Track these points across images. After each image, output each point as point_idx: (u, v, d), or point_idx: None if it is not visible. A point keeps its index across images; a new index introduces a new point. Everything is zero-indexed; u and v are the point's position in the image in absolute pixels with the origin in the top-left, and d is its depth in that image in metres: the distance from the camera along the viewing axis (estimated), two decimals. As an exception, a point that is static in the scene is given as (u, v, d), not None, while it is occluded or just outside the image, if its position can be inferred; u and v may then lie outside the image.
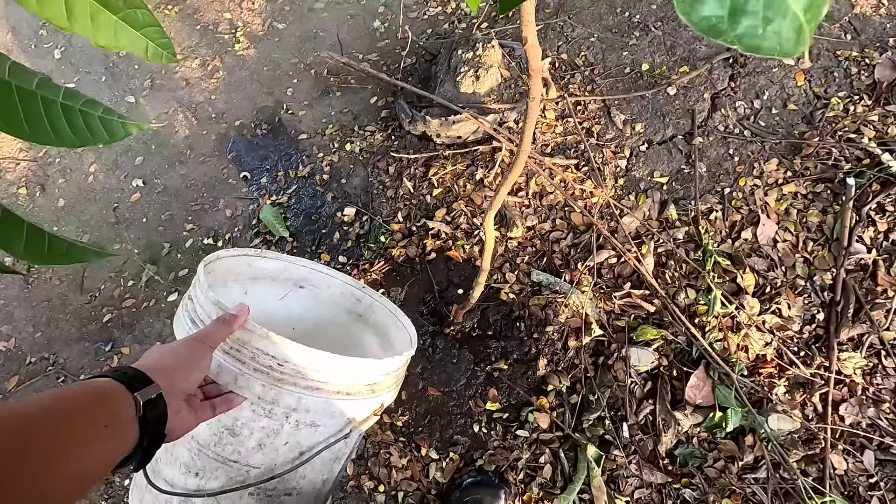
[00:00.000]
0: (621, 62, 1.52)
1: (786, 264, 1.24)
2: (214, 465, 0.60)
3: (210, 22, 1.95)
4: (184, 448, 0.61)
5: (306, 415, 0.59)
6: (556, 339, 1.21)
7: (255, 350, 0.56)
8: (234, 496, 0.60)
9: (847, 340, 1.17)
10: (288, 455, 0.61)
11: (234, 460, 0.59)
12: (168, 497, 0.62)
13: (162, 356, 0.49)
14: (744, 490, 1.09)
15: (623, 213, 1.30)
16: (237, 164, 1.69)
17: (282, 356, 0.56)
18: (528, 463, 1.13)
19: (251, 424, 0.59)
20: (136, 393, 0.43)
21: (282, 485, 0.62)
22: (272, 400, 0.56)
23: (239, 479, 0.60)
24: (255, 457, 0.60)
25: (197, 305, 0.62)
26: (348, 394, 0.60)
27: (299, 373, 0.57)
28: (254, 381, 0.56)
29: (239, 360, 0.55)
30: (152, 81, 1.88)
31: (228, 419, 0.59)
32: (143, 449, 0.44)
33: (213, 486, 0.60)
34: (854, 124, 1.35)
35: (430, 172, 1.43)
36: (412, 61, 1.70)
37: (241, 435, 0.59)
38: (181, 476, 0.61)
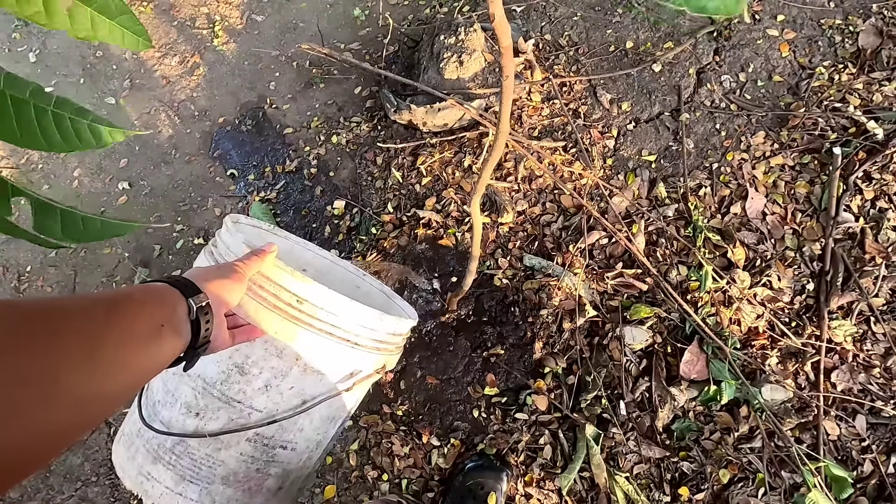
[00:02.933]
0: (605, 40, 1.51)
1: (775, 237, 1.25)
2: (217, 405, 0.60)
3: (187, 17, 1.91)
4: (188, 387, 0.62)
5: (315, 359, 0.61)
6: (551, 321, 1.22)
7: (278, 286, 0.57)
8: (232, 439, 0.61)
9: (837, 309, 1.19)
10: (291, 401, 0.62)
11: (238, 400, 0.60)
12: (161, 440, 0.62)
13: (208, 272, 0.51)
14: (740, 460, 1.11)
15: (612, 194, 1.30)
16: (223, 161, 1.67)
17: (302, 294, 0.58)
18: (529, 445, 1.15)
19: (261, 363, 0.60)
20: (189, 298, 0.45)
21: (279, 434, 0.63)
22: (288, 336, 0.58)
23: (239, 422, 0.60)
24: (259, 399, 0.61)
25: (223, 248, 0.64)
26: (357, 344, 0.62)
27: (316, 313, 0.58)
28: (273, 315, 0.57)
29: (260, 294, 0.57)
30: (131, 81, 1.85)
31: (240, 356, 0.60)
32: (194, 351, 0.46)
33: (212, 427, 0.60)
34: (839, 93, 1.35)
35: (418, 161, 1.42)
36: (395, 49, 1.68)
37: (249, 374, 0.60)
38: (180, 416, 0.61)
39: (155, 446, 0.62)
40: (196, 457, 0.61)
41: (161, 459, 0.61)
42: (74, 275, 1.60)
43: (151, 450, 0.62)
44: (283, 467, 0.65)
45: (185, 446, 0.61)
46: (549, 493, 1.11)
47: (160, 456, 0.62)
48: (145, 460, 0.62)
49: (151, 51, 1.88)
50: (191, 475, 0.61)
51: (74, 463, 1.30)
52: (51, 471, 1.30)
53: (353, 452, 1.19)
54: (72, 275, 1.60)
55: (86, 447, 1.31)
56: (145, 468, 0.62)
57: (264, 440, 0.62)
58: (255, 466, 0.62)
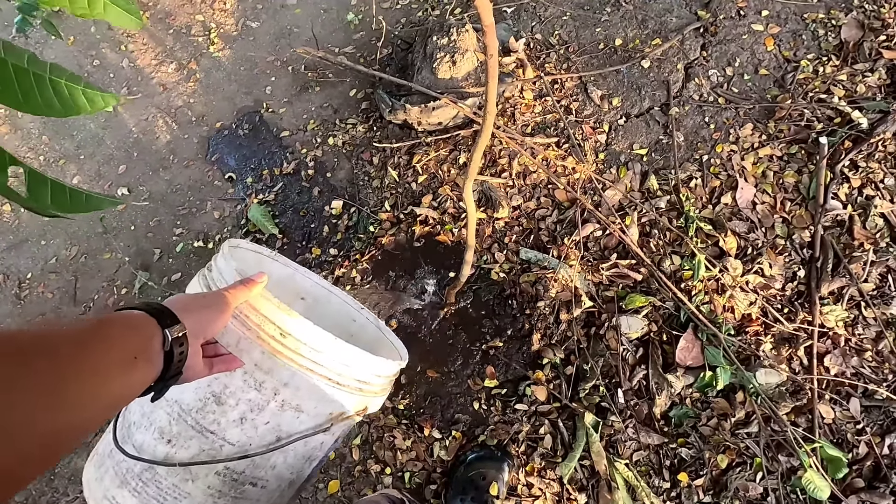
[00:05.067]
0: (595, 38, 1.54)
1: (765, 225, 1.27)
2: (190, 434, 0.59)
3: (182, 25, 1.94)
4: (163, 412, 0.61)
5: (294, 395, 0.59)
6: (548, 313, 1.24)
7: (263, 317, 0.57)
8: (201, 471, 0.59)
9: (828, 294, 1.21)
10: (265, 437, 0.60)
11: (211, 431, 0.59)
12: (131, 464, 0.60)
13: (188, 301, 0.50)
14: (737, 445, 1.12)
15: (605, 187, 1.33)
16: (221, 165, 1.69)
17: (286, 327, 0.57)
18: (529, 435, 1.16)
19: (239, 395, 0.59)
20: (165, 329, 0.44)
21: (250, 470, 0.61)
22: (267, 370, 0.57)
23: (210, 454, 0.59)
24: (232, 431, 0.59)
25: (216, 273, 0.63)
26: (338, 383, 0.61)
27: (298, 348, 0.58)
28: (255, 346, 0.56)
29: (245, 324, 0.56)
30: (129, 89, 1.87)
31: (218, 385, 0.59)
32: (164, 382, 0.45)
33: (182, 455, 0.59)
34: (824, 85, 1.38)
35: (414, 160, 1.45)
36: (388, 51, 1.70)
37: (225, 404, 0.59)
38: (152, 441, 0.60)
39: (124, 470, 0.61)
40: (162, 485, 0.59)
41: (128, 484, 0.60)
42: (75, 280, 1.61)
43: (120, 473, 0.61)
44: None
45: (154, 473, 0.59)
46: (550, 482, 1.13)
47: (127, 481, 0.60)
48: (112, 483, 0.61)
49: (148, 58, 1.91)
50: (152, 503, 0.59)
51: (79, 465, 1.31)
52: (55, 473, 1.30)
53: (355, 447, 1.20)
54: (72, 280, 1.62)
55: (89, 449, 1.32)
56: (111, 491, 0.61)
57: (234, 475, 0.60)
58: (221, 502, 0.61)
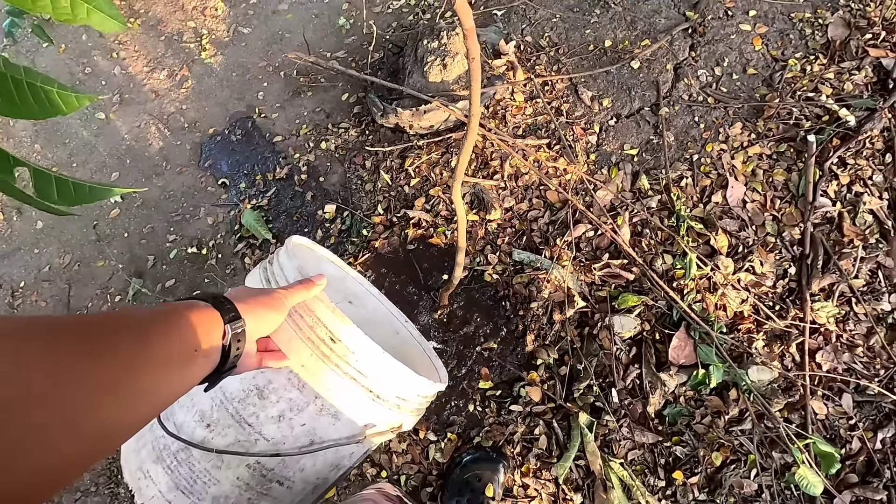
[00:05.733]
0: (584, 40, 1.55)
1: (756, 223, 1.28)
2: (229, 422, 0.60)
3: (174, 32, 1.94)
4: (207, 396, 0.62)
5: (334, 400, 0.60)
6: (542, 314, 1.24)
7: (316, 319, 0.57)
8: (233, 460, 0.60)
9: (819, 291, 1.22)
10: (299, 438, 0.61)
11: (249, 423, 0.60)
12: (168, 442, 0.61)
13: (249, 296, 0.50)
14: (731, 442, 1.13)
15: (597, 188, 1.33)
16: (214, 171, 1.69)
17: (338, 334, 0.58)
18: (524, 436, 1.17)
19: (281, 392, 0.60)
20: (227, 324, 0.44)
21: (280, 469, 0.61)
22: (313, 371, 0.58)
23: (245, 445, 0.60)
24: (269, 427, 0.60)
25: (276, 268, 0.64)
26: (378, 396, 0.61)
27: (346, 356, 0.58)
28: (304, 348, 0.57)
29: (297, 324, 0.57)
30: (121, 96, 1.87)
31: (263, 379, 0.60)
32: (219, 374, 0.45)
33: (218, 442, 0.60)
34: (812, 83, 1.40)
35: (406, 163, 1.45)
36: (380, 55, 1.71)
37: (267, 399, 0.60)
38: (192, 423, 0.61)
39: (161, 446, 0.62)
40: (195, 468, 0.60)
41: (163, 461, 0.61)
42: (69, 288, 1.61)
43: (157, 448, 0.62)
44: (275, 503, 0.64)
45: (188, 454, 0.60)
46: (545, 483, 1.13)
47: (163, 457, 0.61)
48: (149, 457, 0.62)
49: (140, 65, 1.91)
50: (185, 486, 0.60)
51: (73, 474, 1.30)
52: (49, 482, 1.30)
53: (351, 451, 1.20)
54: (66, 288, 1.61)
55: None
56: (146, 465, 0.62)
57: (263, 471, 0.61)
58: (247, 495, 0.61)
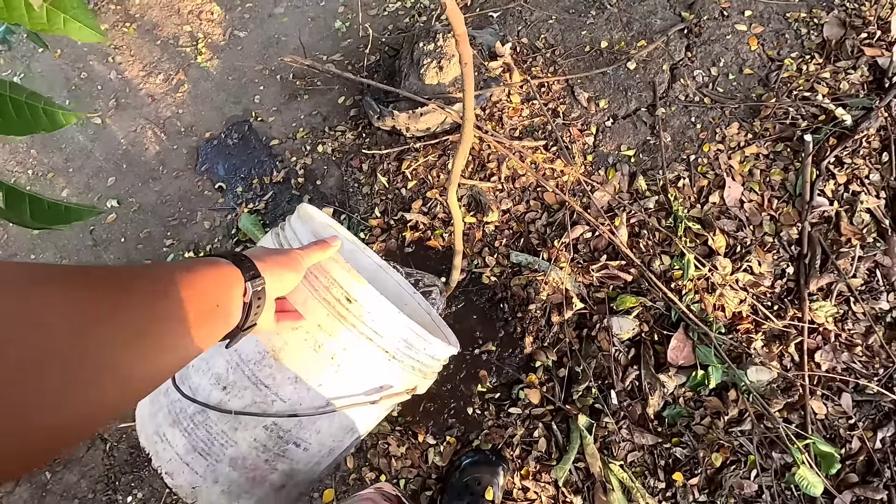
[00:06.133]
0: (581, 41, 1.55)
1: (753, 223, 1.28)
2: (245, 384, 0.60)
3: (170, 36, 1.94)
4: (223, 359, 0.62)
5: (350, 360, 0.60)
6: (540, 316, 1.24)
7: (332, 280, 0.58)
8: (250, 422, 0.60)
9: (817, 291, 1.22)
10: (316, 399, 0.61)
11: (266, 385, 0.60)
12: (184, 405, 0.61)
13: (270, 255, 0.50)
14: (731, 443, 1.13)
15: (594, 189, 1.33)
16: (211, 175, 1.69)
17: (353, 293, 0.58)
18: (523, 438, 1.16)
19: (297, 353, 0.59)
20: (247, 281, 0.44)
21: (296, 430, 0.62)
22: (329, 332, 0.58)
23: (262, 407, 0.60)
24: (286, 388, 0.60)
25: (289, 233, 0.64)
26: (394, 357, 0.61)
27: (362, 315, 0.59)
28: (320, 308, 0.57)
29: (312, 284, 0.57)
30: (117, 101, 1.87)
31: (279, 340, 0.60)
32: (240, 331, 0.45)
33: (235, 404, 0.60)
34: (808, 83, 1.40)
35: (403, 166, 1.45)
36: (376, 58, 1.71)
37: (284, 360, 0.60)
38: (208, 386, 0.61)
39: (177, 409, 0.62)
40: (212, 430, 0.61)
41: (179, 424, 0.61)
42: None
43: (173, 412, 0.62)
44: (291, 465, 0.64)
45: (205, 417, 0.61)
46: (545, 486, 1.12)
47: (179, 420, 0.61)
48: (165, 420, 0.62)
49: (136, 69, 1.91)
50: (202, 447, 0.61)
51: (71, 481, 1.30)
52: (47, 490, 1.29)
53: (350, 455, 1.20)
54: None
55: (82, 464, 1.31)
56: (163, 429, 0.62)
57: (280, 432, 0.61)
58: (264, 456, 0.62)
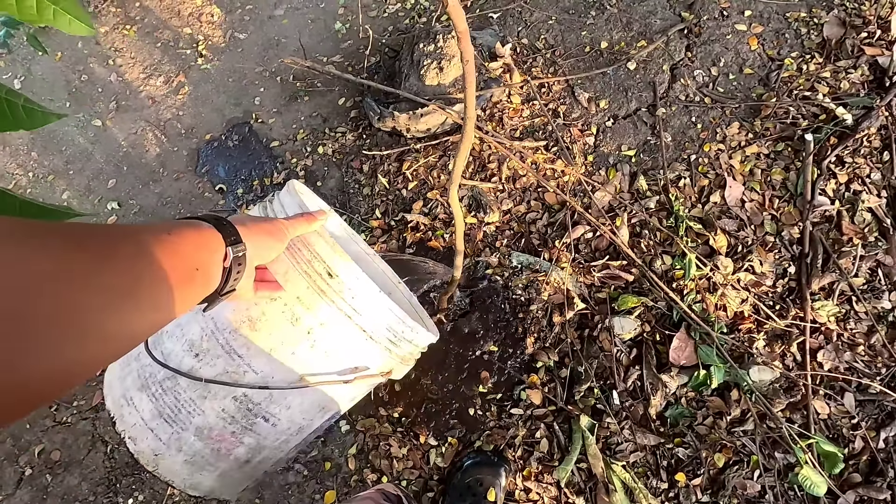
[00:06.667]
0: (581, 42, 1.55)
1: (754, 223, 1.28)
2: (218, 353, 0.59)
3: (170, 38, 1.94)
4: (198, 326, 0.61)
5: (327, 336, 0.60)
6: (541, 316, 1.24)
7: (315, 253, 0.57)
8: (220, 391, 0.59)
9: (819, 290, 1.22)
10: (289, 373, 0.60)
11: (239, 354, 0.59)
12: (155, 370, 0.61)
13: (254, 222, 0.50)
14: (734, 443, 1.12)
15: (595, 189, 1.33)
16: (211, 177, 1.69)
17: (335, 268, 0.58)
18: (525, 439, 1.16)
19: (273, 324, 0.59)
20: (228, 246, 0.44)
21: (266, 404, 0.61)
22: (307, 305, 0.58)
23: (233, 377, 0.59)
24: (259, 359, 0.59)
25: (277, 206, 0.64)
26: (371, 336, 0.61)
27: (342, 291, 0.58)
28: (301, 280, 0.57)
29: (295, 256, 0.57)
30: (117, 103, 1.87)
31: (257, 311, 0.59)
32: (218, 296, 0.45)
33: (206, 372, 0.59)
34: (808, 82, 1.40)
35: (404, 167, 1.45)
36: (376, 60, 1.71)
37: (259, 331, 0.59)
38: (181, 352, 0.60)
39: (147, 374, 0.61)
40: (181, 398, 0.60)
41: (148, 388, 0.60)
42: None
43: (143, 376, 0.61)
44: (258, 440, 0.63)
45: (175, 383, 0.60)
46: (547, 486, 1.12)
47: (148, 385, 0.61)
48: (133, 384, 0.61)
49: (136, 72, 1.91)
50: (169, 414, 0.60)
51: (72, 483, 1.29)
52: (48, 493, 1.29)
53: (351, 457, 1.19)
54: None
55: (83, 467, 1.30)
56: (130, 392, 0.61)
57: (250, 404, 0.60)
58: (231, 428, 0.61)
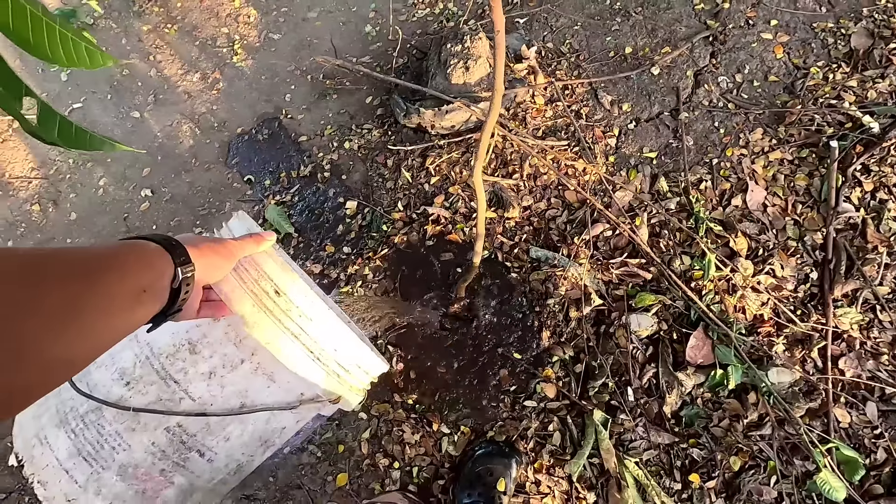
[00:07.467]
0: (605, 47, 1.58)
1: (776, 227, 1.27)
2: (152, 379, 0.56)
3: (208, 37, 2.03)
4: (131, 352, 0.58)
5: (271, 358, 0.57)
6: (558, 311, 1.24)
7: (261, 272, 0.56)
8: (151, 422, 0.55)
9: (841, 297, 1.20)
10: (229, 400, 0.57)
11: (175, 380, 0.56)
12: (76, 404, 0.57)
13: (201, 242, 0.50)
14: (751, 447, 1.11)
15: (616, 188, 1.34)
16: (240, 168, 1.75)
17: (282, 286, 0.56)
18: (538, 431, 1.16)
19: (215, 346, 0.57)
20: (178, 267, 0.44)
21: (202, 435, 0.57)
22: (252, 325, 0.55)
23: (168, 405, 0.56)
24: (198, 384, 0.56)
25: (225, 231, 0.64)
26: (318, 358, 0.58)
27: (289, 310, 0.56)
28: (246, 299, 0.55)
29: (242, 277, 0.56)
30: (155, 97, 1.95)
31: (197, 333, 0.57)
32: (164, 316, 0.45)
33: (137, 401, 0.55)
34: (834, 91, 1.39)
35: (427, 162, 1.48)
36: (404, 61, 1.76)
37: (199, 354, 0.57)
38: (109, 382, 0.57)
39: (67, 408, 0.57)
40: (105, 431, 0.55)
41: (67, 424, 0.56)
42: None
43: (62, 412, 0.57)
44: (191, 479, 0.58)
45: (99, 416, 0.56)
46: (558, 480, 1.12)
47: (68, 420, 0.56)
48: (50, 421, 0.57)
49: (175, 68, 2.00)
50: (89, 451, 0.55)
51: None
52: None
53: (364, 441, 1.21)
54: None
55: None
56: (45, 430, 0.56)
57: (184, 436, 0.56)
58: (161, 465, 0.56)
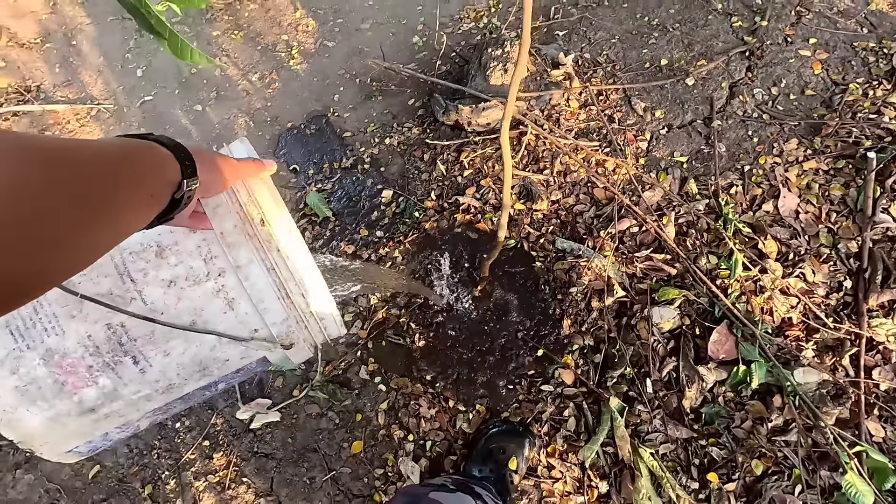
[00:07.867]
0: (641, 58, 1.63)
1: (809, 233, 1.26)
2: (108, 272, 0.53)
3: (269, 43, 2.21)
4: None
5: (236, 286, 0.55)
6: (580, 300, 1.26)
7: (252, 199, 0.55)
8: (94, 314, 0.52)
9: (877, 307, 1.17)
10: (181, 314, 0.54)
11: (133, 279, 0.54)
12: None
13: (207, 157, 0.50)
14: (774, 453, 1.07)
15: (644, 188, 1.37)
16: (287, 159, 1.87)
17: (269, 217, 0.55)
18: (553, 416, 1.16)
19: (184, 256, 0.55)
20: (185, 179, 0.44)
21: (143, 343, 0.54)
22: (228, 244, 0.54)
23: (117, 301, 0.53)
24: (153, 289, 0.53)
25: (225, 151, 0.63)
26: (285, 297, 0.56)
27: (268, 241, 0.55)
28: (230, 218, 0.54)
29: (231, 197, 0.55)
30: (217, 93, 2.13)
31: (170, 238, 0.55)
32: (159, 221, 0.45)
33: (86, 289, 0.52)
34: (874, 106, 1.39)
35: (462, 156, 1.55)
36: (447, 67, 1.86)
37: (164, 259, 0.55)
38: None
39: None
40: (41, 310, 0.52)
41: None
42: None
43: None
44: (116, 385, 0.55)
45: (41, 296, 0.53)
46: (571, 466, 1.11)
47: None
48: None
49: (237, 69, 2.17)
50: (19, 325, 0.52)
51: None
52: None
53: (382, 412, 1.23)
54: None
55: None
56: None
57: (123, 338, 0.53)
58: (90, 361, 0.53)
